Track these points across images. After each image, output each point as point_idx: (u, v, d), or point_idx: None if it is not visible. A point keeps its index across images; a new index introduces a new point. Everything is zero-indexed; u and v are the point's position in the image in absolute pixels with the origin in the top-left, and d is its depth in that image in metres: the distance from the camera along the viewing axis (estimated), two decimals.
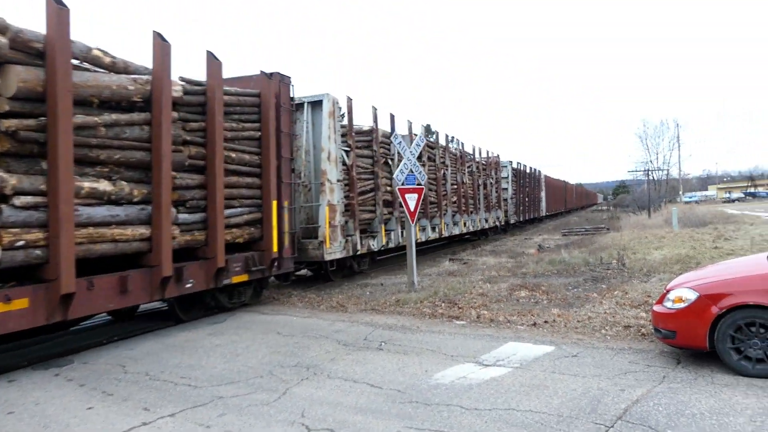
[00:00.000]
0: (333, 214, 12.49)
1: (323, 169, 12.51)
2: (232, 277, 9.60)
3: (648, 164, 59.35)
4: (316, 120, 12.90)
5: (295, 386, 5.86)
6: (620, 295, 9.85)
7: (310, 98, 12.88)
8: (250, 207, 10.25)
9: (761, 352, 5.48)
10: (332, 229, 12.48)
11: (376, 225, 14.87)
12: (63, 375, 6.60)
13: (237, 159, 9.90)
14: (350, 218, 13.54)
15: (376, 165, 14.93)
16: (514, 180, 33.12)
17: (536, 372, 5.99)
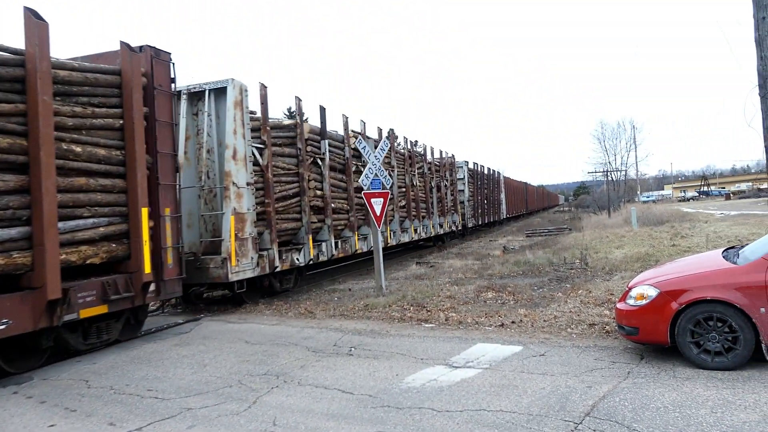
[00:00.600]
0: (241, 224, 10.58)
1: (227, 170, 10.53)
2: (81, 310, 7.38)
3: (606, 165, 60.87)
4: (220, 111, 11.01)
5: (266, 395, 5.79)
6: (584, 294, 10.06)
7: (213, 85, 10.99)
8: (111, 217, 8.08)
9: (719, 345, 5.67)
10: (240, 243, 10.51)
11: (302, 236, 12.89)
12: (22, 392, 6.37)
13: (86, 154, 7.69)
14: (266, 229, 11.54)
15: (301, 165, 12.98)
16: (471, 181, 31.33)
17: (505, 372, 6.07)
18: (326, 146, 14.17)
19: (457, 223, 27.68)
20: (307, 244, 12.97)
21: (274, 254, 11.63)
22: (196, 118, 11.27)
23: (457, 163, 29.13)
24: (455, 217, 27.26)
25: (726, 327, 5.66)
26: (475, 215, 31.87)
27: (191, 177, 11.01)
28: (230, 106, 10.76)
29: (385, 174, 12.61)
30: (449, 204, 26.30)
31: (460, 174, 29.58)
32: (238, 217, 10.57)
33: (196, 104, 11.25)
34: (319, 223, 13.92)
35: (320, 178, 14.06)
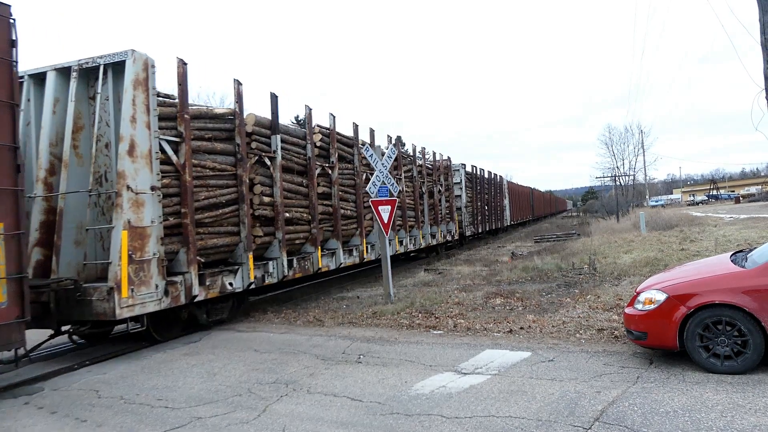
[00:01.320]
0: (139, 241, 8.24)
1: (120, 170, 8.21)
2: None
3: (615, 170, 60.72)
4: (117, 94, 8.73)
5: (275, 403, 5.81)
6: (593, 299, 10.04)
7: (109, 59, 8.68)
8: None
9: (728, 349, 5.65)
10: (137, 267, 8.15)
11: (241, 254, 10.51)
12: (33, 403, 6.42)
13: None
14: (181, 246, 9.18)
15: (241, 165, 10.53)
16: (469, 186, 28.54)
17: (514, 378, 6.07)
18: (278, 143, 11.78)
19: (453, 232, 24.98)
20: (246, 264, 10.50)
21: (193, 279, 9.19)
22: (92, 102, 8.97)
23: (454, 167, 26.52)
24: (451, 226, 24.63)
25: (735, 331, 5.63)
26: (474, 223, 29.14)
27: (83, 179, 8.71)
28: (128, 85, 8.41)
29: (393, 181, 12.65)
30: (444, 211, 23.62)
31: (457, 178, 26.96)
32: (135, 232, 8.20)
33: (93, 85, 8.96)
34: (267, 238, 11.45)
35: (269, 181, 11.60)
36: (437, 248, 23.49)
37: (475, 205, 29.42)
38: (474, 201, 29.29)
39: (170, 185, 9.20)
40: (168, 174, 9.18)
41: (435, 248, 23.23)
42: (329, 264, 13.66)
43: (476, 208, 29.68)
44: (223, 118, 10.69)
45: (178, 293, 9.01)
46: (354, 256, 14.92)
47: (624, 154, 65.47)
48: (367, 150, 12.69)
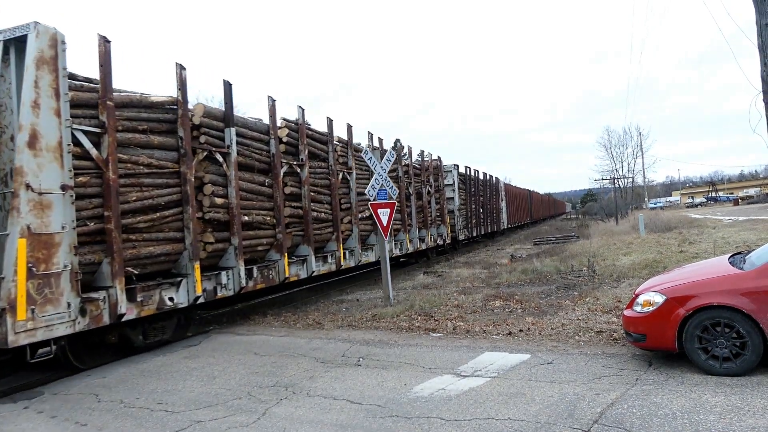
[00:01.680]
0: (44, 251, 6.92)
1: (17, 165, 6.89)
2: None
3: (613, 172, 60.83)
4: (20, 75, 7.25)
5: (275, 406, 5.82)
6: (592, 302, 10.05)
7: (9, 34, 7.28)
8: None
9: (727, 351, 5.66)
10: (39, 282, 6.84)
11: (185, 263, 9.19)
12: (33, 407, 6.43)
13: None
14: (105, 256, 7.89)
15: (185, 162, 9.21)
16: (462, 188, 27.17)
17: (513, 380, 6.08)
18: (233, 137, 10.38)
19: (445, 235, 23.52)
20: (192, 275, 9.15)
21: (119, 295, 7.84)
22: None
23: (445, 167, 25.28)
24: (442, 229, 23.24)
25: (734, 333, 5.65)
26: (468, 226, 27.84)
27: None
28: (30, 64, 7.13)
29: (391, 184, 12.67)
30: (434, 214, 22.25)
31: (449, 179, 25.67)
32: (38, 240, 6.87)
33: None
34: (221, 244, 10.15)
35: (223, 180, 10.29)
36: (427, 253, 22.14)
37: (469, 207, 28.17)
38: (468, 203, 28.03)
39: (89, 184, 7.82)
40: (86, 171, 7.78)
41: (425, 253, 21.90)
42: (299, 272, 12.31)
43: (470, 210, 28.41)
44: (162, 107, 9.25)
45: (99, 312, 7.65)
46: (329, 263, 13.62)
47: (623, 156, 65.56)
48: (366, 153, 12.71)
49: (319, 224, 13.46)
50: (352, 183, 15.20)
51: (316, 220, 13.23)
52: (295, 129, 12.81)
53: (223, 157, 10.32)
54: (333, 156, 14.26)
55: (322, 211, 13.60)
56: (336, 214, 14.13)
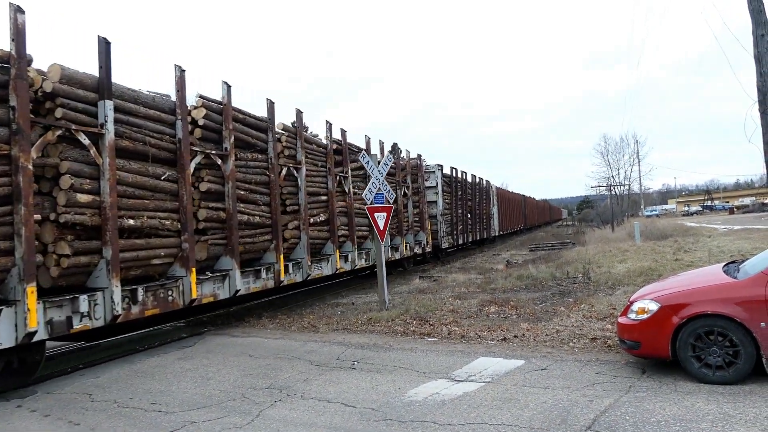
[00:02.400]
0: None
1: None
2: None
3: (610, 180, 60.99)
4: None
5: (269, 408, 5.82)
6: (587, 308, 10.08)
7: None
8: None
9: (720, 359, 5.69)
10: None
11: (13, 286, 6.67)
12: (26, 406, 6.41)
13: None
14: None
15: (17, 143, 6.72)
16: (447, 191, 24.86)
17: (507, 386, 6.09)
18: (109, 112, 7.94)
19: (425, 243, 21.02)
20: (23, 301, 6.56)
21: None
22: None
23: (427, 167, 23.12)
24: (421, 236, 20.78)
25: (727, 341, 5.67)
26: (453, 233, 25.28)
27: None
28: None
29: (389, 188, 12.69)
30: (410, 219, 19.73)
31: (432, 181, 23.25)
32: None
33: None
34: (86, 257, 7.61)
35: (92, 171, 7.75)
36: (403, 263, 19.94)
37: (454, 212, 25.57)
38: (453, 208, 25.47)
39: None
40: None
41: (399, 263, 19.61)
42: (217, 292, 9.87)
43: (456, 216, 25.74)
44: None
45: None
46: (264, 279, 11.17)
47: (619, 163, 65.60)
48: (364, 157, 12.74)
49: (251, 230, 10.93)
50: (301, 181, 12.57)
51: (246, 225, 10.73)
52: (217, 110, 10.29)
53: (92, 139, 7.75)
54: (274, 147, 11.73)
55: (256, 214, 11.07)
56: (276, 218, 11.53)
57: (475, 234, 29.88)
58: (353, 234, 15.05)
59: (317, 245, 13.63)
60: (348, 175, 15.04)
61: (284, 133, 12.54)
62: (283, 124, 12.64)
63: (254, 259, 11.45)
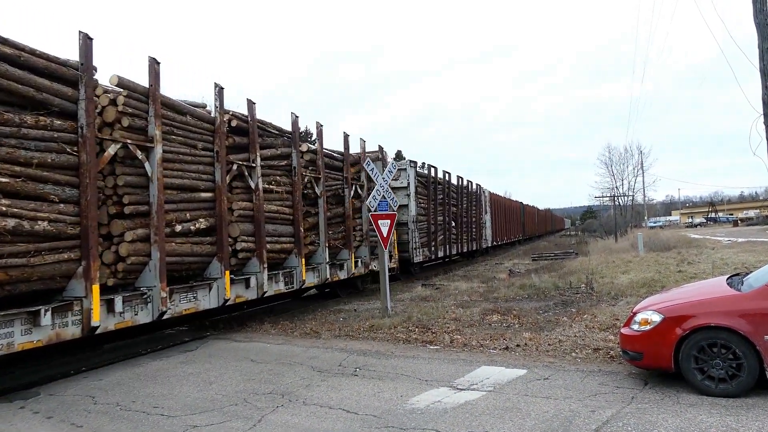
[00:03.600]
0: None
1: None
2: None
3: (614, 190, 60.93)
4: None
5: (270, 413, 5.83)
6: (589, 319, 10.06)
7: None
8: None
9: (723, 372, 5.68)
10: None
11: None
12: (29, 407, 6.43)
13: None
14: None
15: None
16: (423, 193, 21.02)
17: (509, 395, 6.09)
18: None
19: (389, 258, 15.36)
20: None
21: None
22: None
23: (398, 165, 17.96)
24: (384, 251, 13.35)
25: (730, 354, 5.67)
26: (431, 244, 21.54)
27: None
28: None
29: (392, 195, 12.71)
30: (364, 227, 15.85)
31: (402, 180, 19.55)
32: None
33: None
34: None
35: None
36: (356, 283, 16.13)
37: (432, 219, 21.85)
38: (431, 214, 21.74)
39: None
40: None
41: (350, 283, 15.78)
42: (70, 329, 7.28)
43: (435, 223, 22.14)
44: None
45: None
46: (129, 314, 8.24)
47: (623, 174, 65.58)
48: (368, 164, 12.78)
49: (29, 243, 7.07)
50: (152, 167, 8.79)
51: (17, 236, 6.90)
52: None
53: None
54: (89, 110, 7.83)
55: (41, 218, 7.22)
56: (89, 223, 7.72)
57: (461, 245, 26.25)
58: (262, 248, 11.11)
59: (192, 266, 9.83)
60: (256, 164, 11.20)
61: (121, 92, 8.55)
62: (119, 77, 8.49)
63: (34, 292, 7.33)
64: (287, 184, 12.50)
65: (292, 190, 12.56)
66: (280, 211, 12.16)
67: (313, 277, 13.27)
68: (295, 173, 12.67)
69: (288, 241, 12.34)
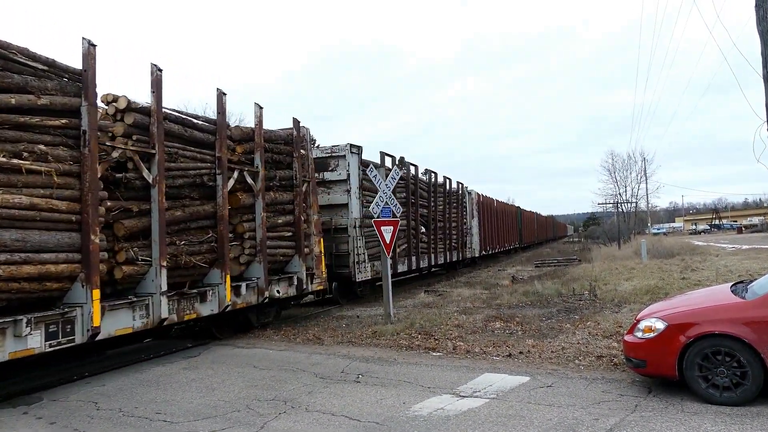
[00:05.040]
0: None
1: None
2: None
3: (617, 197, 60.88)
4: None
5: (273, 420, 5.82)
6: (592, 326, 10.04)
7: None
8: None
9: (727, 380, 5.65)
10: None
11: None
12: (32, 413, 6.43)
13: None
14: None
15: None
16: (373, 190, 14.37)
17: (512, 402, 6.07)
18: None
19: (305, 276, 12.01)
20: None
21: None
22: None
23: (332, 150, 14.92)
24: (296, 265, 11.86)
25: (734, 362, 5.64)
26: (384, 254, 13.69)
27: None
28: None
29: (396, 202, 12.72)
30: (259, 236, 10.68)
31: (340, 172, 14.87)
32: None
33: None
34: None
35: None
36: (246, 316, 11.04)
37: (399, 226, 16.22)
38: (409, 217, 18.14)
39: None
40: None
41: (230, 318, 10.73)
42: None
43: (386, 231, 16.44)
44: None
45: None
46: None
47: (626, 180, 65.58)
48: (371, 171, 12.79)
49: None
50: None
51: None
52: None
53: None
54: None
55: None
56: None
57: (435, 255, 21.25)
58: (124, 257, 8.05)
59: None
60: None
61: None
62: None
63: None
64: (68, 159, 7.34)
65: (81, 171, 7.43)
66: (42, 206, 6.94)
67: (127, 320, 8.01)
68: (87, 142, 7.47)
69: (62, 259, 7.16)
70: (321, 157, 14.95)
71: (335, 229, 14.67)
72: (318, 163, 14.44)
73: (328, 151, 15.14)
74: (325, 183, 14.94)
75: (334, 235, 14.61)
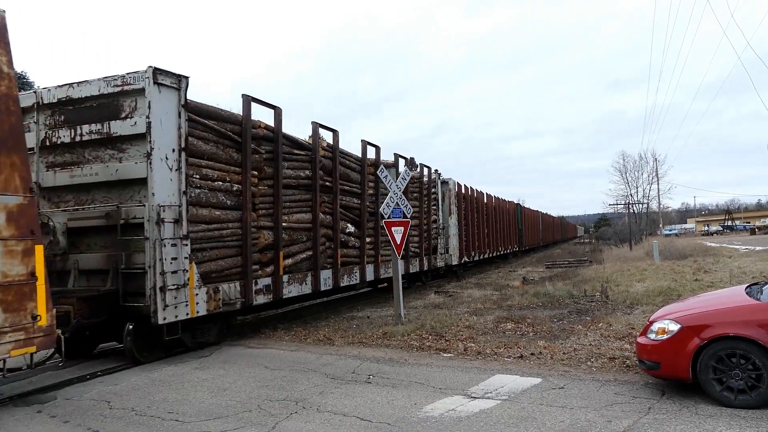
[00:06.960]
0: None
1: None
2: None
3: (628, 198, 60.44)
4: None
5: (285, 420, 5.83)
6: (604, 327, 9.97)
7: None
8: None
9: (742, 383, 5.59)
10: None
11: None
12: (46, 411, 6.49)
13: None
14: None
15: None
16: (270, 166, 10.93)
17: (524, 404, 6.04)
18: None
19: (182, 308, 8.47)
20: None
21: None
22: None
23: (123, 81, 8.52)
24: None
25: (749, 364, 5.58)
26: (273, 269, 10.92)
27: None
28: None
29: (406, 203, 12.72)
30: None
31: (136, 120, 8.51)
32: None
33: None
34: None
35: None
36: None
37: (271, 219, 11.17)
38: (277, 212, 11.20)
39: None
40: None
41: None
42: None
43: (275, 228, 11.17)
44: None
45: None
46: None
47: (638, 181, 65.02)
48: (382, 171, 12.79)
49: None
50: None
51: None
52: None
53: None
54: None
55: None
56: None
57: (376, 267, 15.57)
58: None
59: None
60: None
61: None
62: None
63: None
64: None
65: None
66: None
67: None
68: None
69: None
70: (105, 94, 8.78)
71: (125, 226, 8.66)
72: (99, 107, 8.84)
73: (117, 84, 8.70)
74: (106, 141, 8.89)
75: (123, 236, 8.60)
